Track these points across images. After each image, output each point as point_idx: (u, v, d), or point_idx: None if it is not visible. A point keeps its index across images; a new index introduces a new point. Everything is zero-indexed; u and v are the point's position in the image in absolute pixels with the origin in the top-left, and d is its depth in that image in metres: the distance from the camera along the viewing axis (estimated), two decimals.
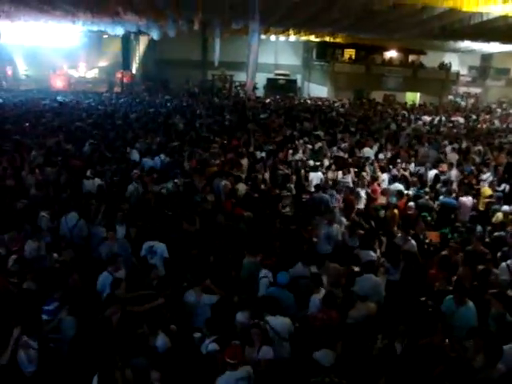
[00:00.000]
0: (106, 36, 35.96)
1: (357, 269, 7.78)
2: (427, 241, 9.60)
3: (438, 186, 12.69)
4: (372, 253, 8.46)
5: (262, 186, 11.85)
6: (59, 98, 28.13)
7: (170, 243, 8.27)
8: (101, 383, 5.07)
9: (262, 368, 5.71)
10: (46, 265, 7.47)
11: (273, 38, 36.69)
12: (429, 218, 10.37)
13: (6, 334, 5.66)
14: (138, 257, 8.15)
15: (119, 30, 31.29)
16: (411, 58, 41.24)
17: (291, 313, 6.70)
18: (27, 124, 18.57)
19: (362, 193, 11.93)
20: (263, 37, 32.89)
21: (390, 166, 14.20)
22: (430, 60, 39.82)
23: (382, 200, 12.05)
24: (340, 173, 13.26)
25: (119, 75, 37.26)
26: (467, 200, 11.55)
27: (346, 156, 15.44)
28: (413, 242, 9.03)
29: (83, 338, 5.91)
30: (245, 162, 13.57)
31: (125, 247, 8.26)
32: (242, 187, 11.38)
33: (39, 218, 8.89)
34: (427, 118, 25.91)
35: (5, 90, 32.57)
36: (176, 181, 11.41)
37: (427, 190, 12.14)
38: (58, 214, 9.16)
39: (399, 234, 9.41)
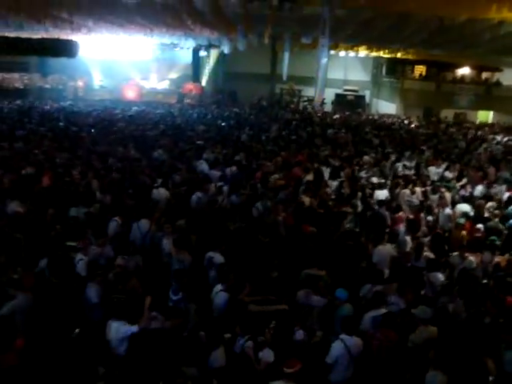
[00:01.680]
0: (177, 49, 37.00)
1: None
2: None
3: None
4: (440, 275, 8.24)
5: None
6: (133, 110, 28.87)
7: (232, 256, 8.30)
8: None
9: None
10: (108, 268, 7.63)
11: (342, 53, 36.71)
12: (498, 242, 9.97)
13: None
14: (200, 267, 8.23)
15: (190, 43, 32.21)
16: (485, 75, 40.06)
17: None
18: (91, 131, 19.48)
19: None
20: (332, 52, 32.97)
21: (458, 186, 13.81)
22: (507, 77, 38.50)
23: None
24: (407, 191, 12.97)
25: (186, 88, 38.11)
26: None
27: (412, 174, 15.09)
28: (472, 258, 8.80)
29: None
30: (310, 176, 13.53)
31: None
32: (307, 201, 11.35)
33: (110, 223, 9.11)
34: (501, 138, 25.04)
35: (80, 100, 34.01)
36: (242, 192, 11.53)
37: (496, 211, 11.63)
38: (127, 220, 9.38)
39: (455, 253, 9.14)
